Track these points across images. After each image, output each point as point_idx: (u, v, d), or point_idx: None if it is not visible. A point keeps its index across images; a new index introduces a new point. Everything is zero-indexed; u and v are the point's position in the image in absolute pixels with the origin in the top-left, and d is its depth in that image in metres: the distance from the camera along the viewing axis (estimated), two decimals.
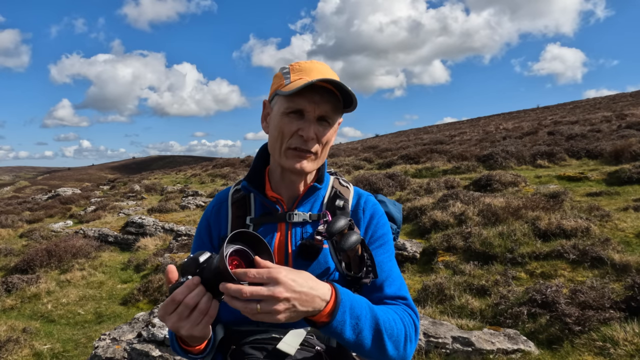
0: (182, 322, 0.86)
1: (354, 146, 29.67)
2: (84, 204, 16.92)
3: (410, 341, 1.02)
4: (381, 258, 1.14)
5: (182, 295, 0.85)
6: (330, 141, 1.14)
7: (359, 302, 0.95)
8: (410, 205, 7.59)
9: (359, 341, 0.93)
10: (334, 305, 0.89)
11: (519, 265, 4.77)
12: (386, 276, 1.12)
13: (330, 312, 0.89)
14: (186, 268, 0.90)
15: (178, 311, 0.86)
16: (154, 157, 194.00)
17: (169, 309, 0.86)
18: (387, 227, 1.21)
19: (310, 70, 1.09)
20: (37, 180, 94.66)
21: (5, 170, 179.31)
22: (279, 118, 1.09)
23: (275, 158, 1.15)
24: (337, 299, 0.90)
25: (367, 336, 0.94)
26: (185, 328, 0.86)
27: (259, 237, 0.90)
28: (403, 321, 1.03)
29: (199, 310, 0.85)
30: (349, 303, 0.92)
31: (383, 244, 1.17)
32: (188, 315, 0.86)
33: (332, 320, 0.88)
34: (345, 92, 1.04)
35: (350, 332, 0.91)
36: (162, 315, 0.87)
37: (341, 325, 0.90)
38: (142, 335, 3.81)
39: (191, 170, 28.14)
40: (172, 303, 0.86)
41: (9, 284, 6.57)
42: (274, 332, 1.04)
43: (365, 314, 0.94)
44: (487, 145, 15.18)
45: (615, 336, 3.21)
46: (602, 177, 8.45)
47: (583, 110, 32.56)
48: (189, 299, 0.85)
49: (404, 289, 1.13)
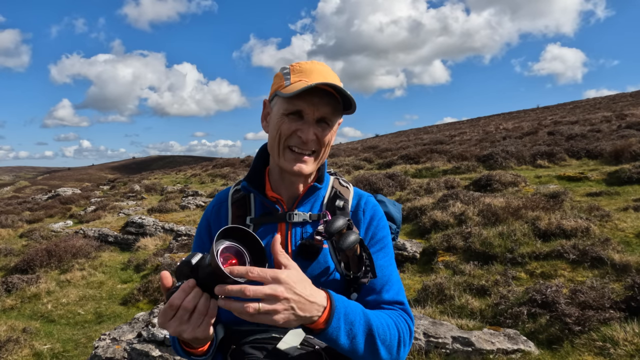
0: (183, 326, 0.86)
1: (354, 146, 29.68)
2: (84, 204, 16.92)
3: (404, 345, 1.04)
4: (381, 262, 1.15)
5: (179, 299, 0.85)
6: (330, 142, 1.14)
7: (353, 308, 0.96)
8: (410, 205, 7.59)
9: (352, 346, 0.94)
10: (329, 313, 0.90)
11: (519, 265, 4.77)
12: (386, 280, 1.13)
13: (326, 320, 0.90)
14: (180, 272, 0.90)
15: (177, 316, 0.86)
16: (154, 157, 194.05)
17: (168, 315, 0.86)
18: (386, 230, 1.22)
19: (310, 72, 1.09)
20: (37, 180, 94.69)
21: (5, 170, 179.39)
22: (279, 118, 1.09)
23: (274, 158, 1.15)
24: (332, 306, 0.91)
25: (360, 341, 0.95)
26: (188, 332, 0.86)
27: (251, 232, 0.90)
28: (397, 326, 1.04)
29: (198, 312, 0.85)
30: (343, 309, 0.93)
31: (383, 247, 1.18)
32: (188, 318, 0.86)
33: (328, 327, 0.89)
34: (345, 95, 1.05)
35: (345, 337, 0.92)
36: (162, 322, 0.87)
37: (336, 331, 0.91)
38: (142, 335, 3.81)
39: (191, 170, 28.14)
40: (171, 309, 0.86)
41: (9, 284, 6.57)
42: (274, 332, 1.04)
43: (359, 320, 0.95)
44: (487, 145, 15.19)
45: (615, 336, 3.21)
46: (602, 177, 8.45)
47: (583, 110, 32.57)
48: (186, 303, 0.85)
49: (402, 294, 1.14)
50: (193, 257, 0.89)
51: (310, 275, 1.11)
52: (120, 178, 35.50)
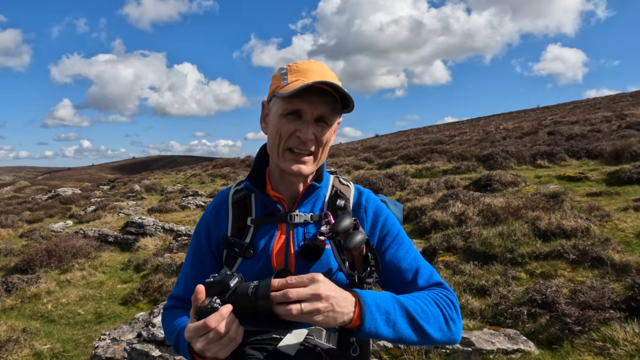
0: (210, 345, 0.89)
1: (354, 146, 29.67)
2: (84, 204, 16.91)
3: (452, 320, 1.04)
4: (401, 254, 1.15)
5: (215, 322, 0.88)
6: (330, 141, 1.14)
7: (382, 297, 0.97)
8: (410, 205, 7.59)
9: (397, 334, 0.95)
10: (360, 307, 0.93)
11: (519, 265, 4.77)
12: (415, 268, 1.14)
13: (359, 315, 0.92)
14: (211, 288, 0.94)
15: (209, 336, 0.88)
16: (154, 157, 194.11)
17: (200, 332, 0.89)
18: (394, 221, 1.22)
19: (307, 71, 1.09)
20: (37, 180, 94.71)
21: (5, 170, 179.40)
22: (277, 119, 1.09)
23: (273, 159, 1.16)
24: (360, 301, 0.93)
25: (402, 327, 0.96)
26: (212, 351, 0.89)
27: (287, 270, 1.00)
28: (437, 302, 1.04)
29: (228, 337, 0.89)
30: (373, 301, 0.95)
31: (396, 238, 1.18)
32: (217, 340, 0.89)
33: (364, 321, 0.92)
34: (343, 93, 1.05)
35: (385, 327, 0.94)
36: (191, 337, 0.90)
37: (374, 323, 0.93)
38: (142, 335, 3.81)
39: (191, 170, 28.14)
40: (205, 328, 0.89)
41: (9, 284, 6.57)
42: (275, 333, 1.04)
43: (392, 307, 0.97)
44: (487, 145, 15.18)
45: (615, 336, 3.21)
46: (602, 177, 8.45)
47: (583, 110, 32.56)
48: (221, 327, 0.88)
49: (435, 275, 1.15)
50: (231, 280, 0.94)
51: None
52: (120, 178, 35.49)
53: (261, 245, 1.14)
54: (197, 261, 1.22)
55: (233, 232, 1.18)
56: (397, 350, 3.39)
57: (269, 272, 1.13)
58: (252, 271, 1.12)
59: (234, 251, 1.15)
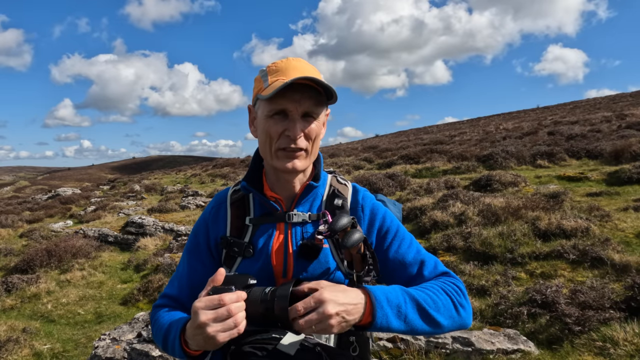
0: (215, 322, 0.89)
1: (354, 146, 29.66)
2: (84, 204, 16.91)
3: (462, 306, 1.06)
4: (404, 249, 1.16)
5: (229, 300, 0.89)
6: (320, 135, 1.14)
7: (392, 291, 0.98)
8: (410, 206, 7.59)
9: (409, 326, 0.97)
10: (370, 304, 0.94)
11: (519, 265, 4.76)
12: (419, 261, 1.15)
13: (371, 311, 0.93)
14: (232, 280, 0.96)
15: (218, 312, 0.89)
16: (154, 157, 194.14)
17: (212, 304, 0.90)
18: (392, 217, 1.22)
19: (286, 69, 1.09)
20: (37, 180, 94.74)
21: (5, 170, 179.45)
22: (264, 121, 1.10)
23: (267, 161, 1.16)
24: (371, 298, 0.94)
25: (414, 318, 0.97)
26: (214, 329, 0.89)
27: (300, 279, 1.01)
28: (445, 291, 1.05)
29: (234, 320, 0.89)
30: (383, 296, 0.96)
31: (397, 234, 1.18)
32: (224, 319, 0.89)
33: (375, 317, 0.93)
34: (324, 85, 1.05)
35: (396, 320, 0.95)
36: (201, 307, 0.91)
37: (385, 318, 0.94)
38: (142, 335, 3.81)
39: (191, 170, 28.14)
40: (218, 302, 0.90)
41: (9, 284, 6.56)
42: (274, 332, 1.04)
43: (402, 299, 0.98)
44: (487, 145, 15.18)
45: (615, 336, 3.21)
46: (602, 177, 8.44)
47: (583, 111, 32.55)
48: (234, 307, 0.89)
49: (440, 265, 1.16)
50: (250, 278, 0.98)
51: (311, 275, 1.11)
52: (121, 178, 35.50)
53: (260, 245, 1.14)
54: (194, 261, 1.22)
55: (232, 232, 1.18)
56: (397, 350, 3.39)
57: (268, 271, 1.13)
58: (252, 270, 1.12)
59: (233, 251, 1.15)
